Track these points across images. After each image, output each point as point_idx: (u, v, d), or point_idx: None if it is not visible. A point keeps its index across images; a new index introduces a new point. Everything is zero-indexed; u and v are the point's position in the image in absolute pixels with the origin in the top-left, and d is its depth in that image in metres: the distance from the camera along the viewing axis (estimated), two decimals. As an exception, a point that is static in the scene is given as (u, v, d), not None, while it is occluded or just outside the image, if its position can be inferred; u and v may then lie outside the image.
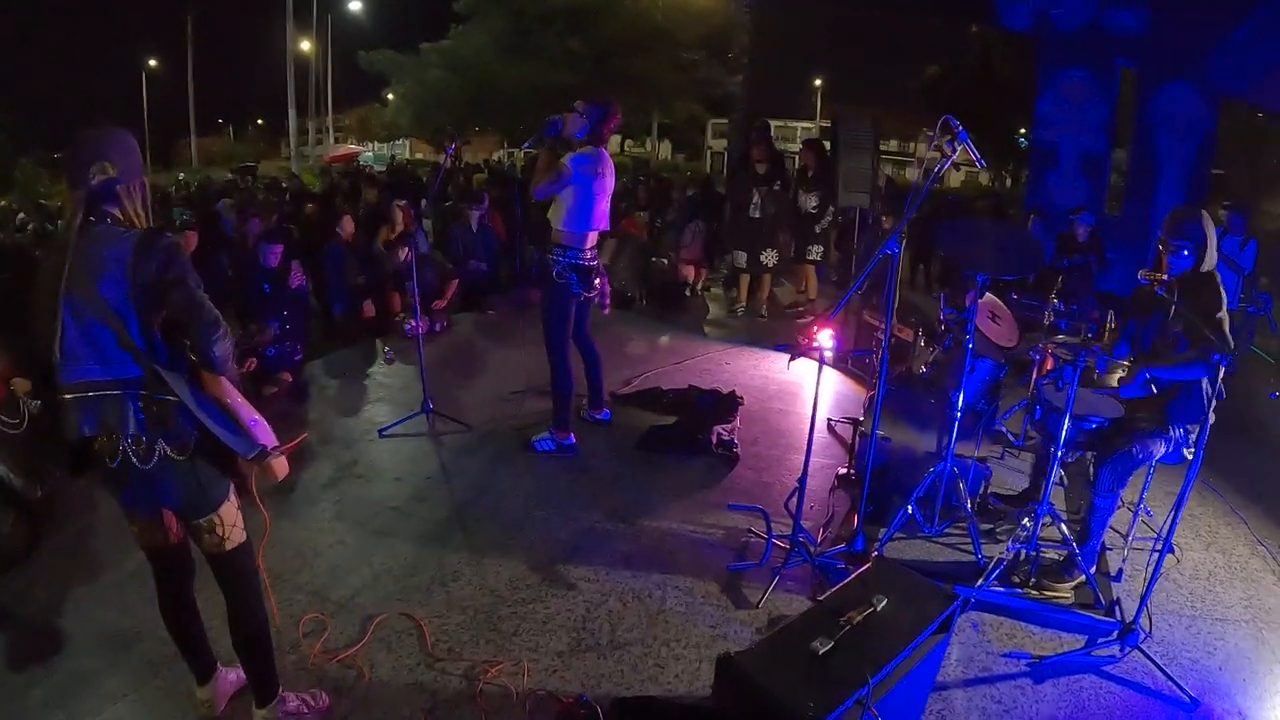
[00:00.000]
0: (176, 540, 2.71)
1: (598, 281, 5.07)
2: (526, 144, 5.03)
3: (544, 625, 3.47)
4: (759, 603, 3.62)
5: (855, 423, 5.06)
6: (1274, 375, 6.91)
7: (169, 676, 3.06)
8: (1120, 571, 3.96)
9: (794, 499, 4.04)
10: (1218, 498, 5.05)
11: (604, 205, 4.97)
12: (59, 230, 2.39)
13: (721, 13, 15.31)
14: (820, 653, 2.26)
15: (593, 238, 4.96)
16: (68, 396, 2.37)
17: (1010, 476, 4.99)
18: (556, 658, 3.27)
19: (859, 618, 2.39)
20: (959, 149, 3.51)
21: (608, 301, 5.39)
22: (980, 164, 3.74)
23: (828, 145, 8.89)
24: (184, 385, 2.40)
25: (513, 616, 3.52)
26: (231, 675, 2.98)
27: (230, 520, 2.62)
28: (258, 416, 2.52)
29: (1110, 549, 4.15)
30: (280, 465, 2.55)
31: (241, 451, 2.46)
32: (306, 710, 2.90)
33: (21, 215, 16.54)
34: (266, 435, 2.52)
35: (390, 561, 3.95)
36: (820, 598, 2.56)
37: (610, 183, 4.98)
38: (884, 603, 2.45)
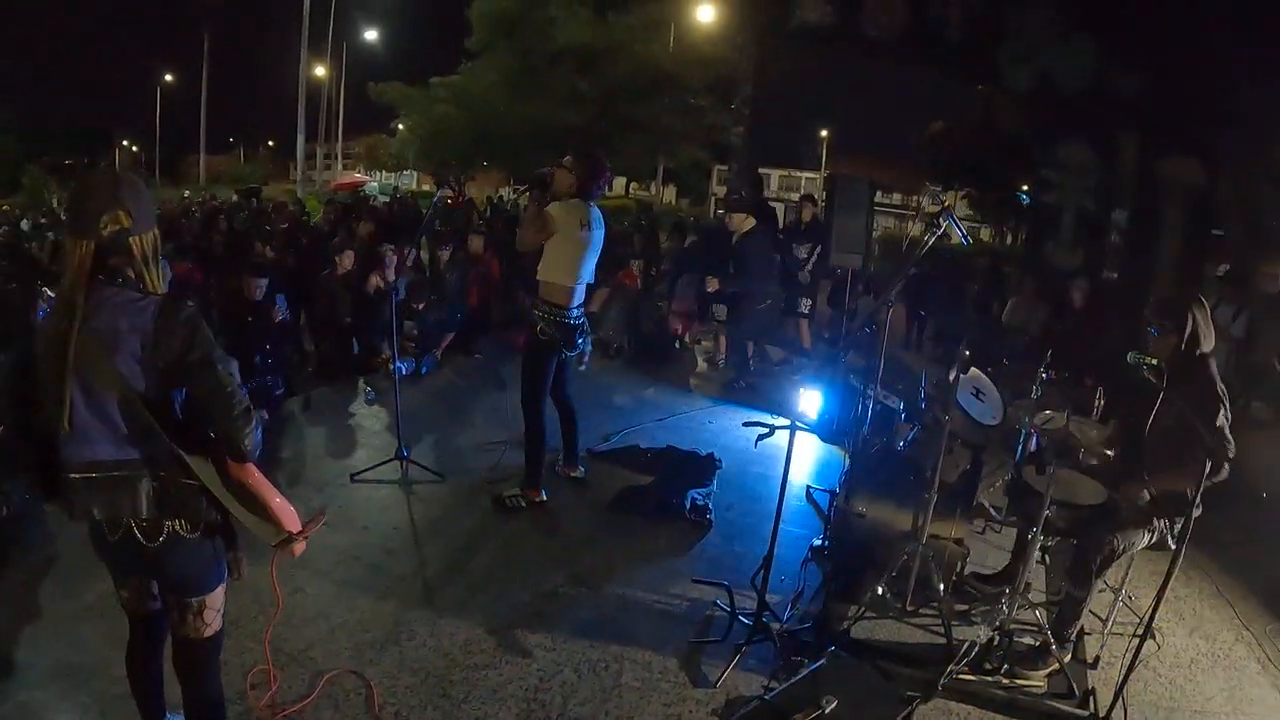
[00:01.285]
0: (162, 609, 2.60)
1: (580, 340, 5.02)
2: (521, 186, 5.03)
3: (494, 694, 3.37)
4: (717, 681, 3.51)
5: (833, 494, 5.00)
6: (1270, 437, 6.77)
7: (116, 716, 2.97)
8: (1097, 659, 3.87)
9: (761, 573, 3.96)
10: (1203, 578, 4.97)
11: (590, 260, 4.94)
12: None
13: (728, 60, 15.46)
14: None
15: (579, 293, 4.93)
16: (74, 476, 2.24)
17: (990, 553, 4.91)
18: (504, 730, 3.18)
19: (805, 720, 2.32)
20: (944, 225, 3.51)
21: (586, 360, 5.34)
22: (965, 241, 3.73)
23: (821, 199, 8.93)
24: (208, 469, 2.28)
25: (464, 682, 3.43)
26: (178, 720, 2.89)
27: (216, 605, 2.52)
28: (280, 498, 2.44)
29: (1089, 634, 4.05)
30: (300, 547, 2.46)
31: (265, 538, 2.38)
32: None
33: (26, 221, 16.46)
34: (292, 520, 2.44)
35: (347, 615, 3.86)
36: (766, 696, 2.47)
37: (599, 237, 4.96)
38: (833, 705, 2.38)
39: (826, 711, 2.35)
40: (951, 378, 4.00)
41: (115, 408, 2.20)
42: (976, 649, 3.62)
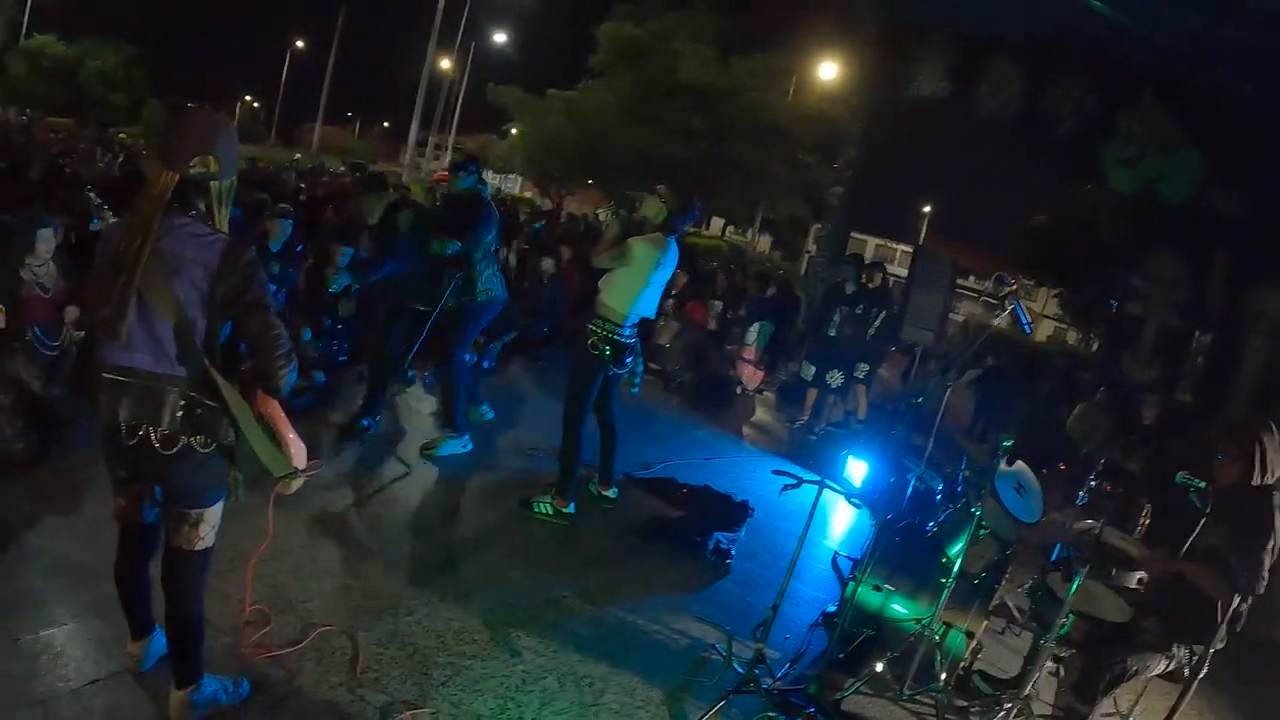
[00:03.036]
0: (154, 522, 2.73)
1: (630, 360, 5.06)
2: (609, 211, 5.19)
3: (475, 684, 3.39)
4: (696, 722, 3.48)
5: (855, 563, 4.91)
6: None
7: (110, 621, 3.08)
8: (1090, 785, 3.72)
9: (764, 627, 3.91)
10: (1218, 716, 4.75)
11: (654, 295, 5.01)
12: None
13: (840, 119, 15.50)
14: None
15: (636, 318, 4.97)
16: (106, 377, 2.39)
17: (1004, 655, 4.77)
18: (474, 720, 3.20)
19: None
20: (1009, 309, 3.48)
21: (638, 381, 5.37)
22: (1026, 329, 3.68)
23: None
24: (236, 396, 2.42)
25: (448, 666, 3.45)
26: (164, 640, 2.94)
27: (212, 521, 2.64)
28: (294, 434, 2.57)
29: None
30: (296, 484, 2.60)
31: (274, 469, 2.51)
32: (224, 697, 2.87)
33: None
34: (300, 457, 2.57)
35: (352, 579, 3.94)
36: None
37: (669, 274, 5.03)
38: (796, 762, 2.33)
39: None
40: (993, 464, 3.90)
41: (166, 326, 2.34)
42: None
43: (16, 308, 4.53)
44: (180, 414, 2.40)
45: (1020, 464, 4.88)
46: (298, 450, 2.57)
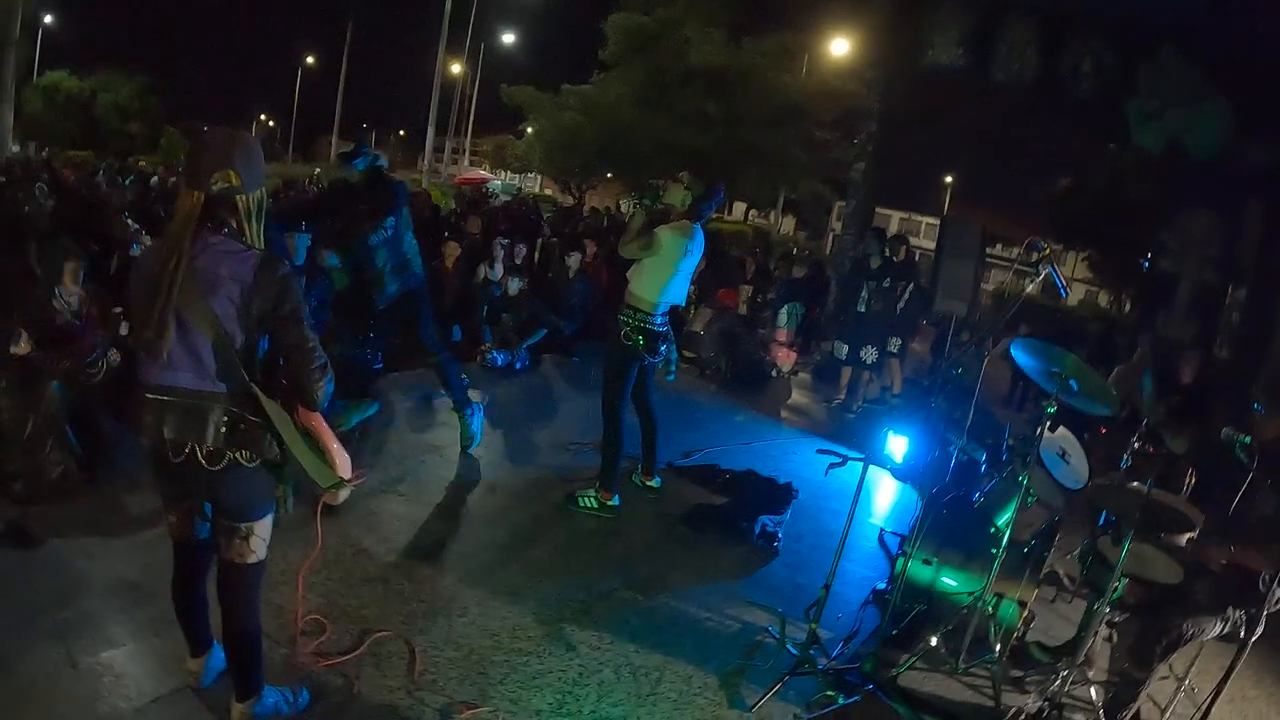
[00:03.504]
0: (207, 537, 2.76)
1: (664, 347, 5.06)
2: (633, 200, 5.19)
3: (532, 680, 3.42)
4: (752, 707, 3.47)
5: (903, 539, 4.89)
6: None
7: (167, 638, 3.13)
8: (1150, 749, 3.69)
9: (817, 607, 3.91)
10: (1276, 682, 4.65)
11: (683, 283, 5.01)
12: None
13: (856, 94, 15.36)
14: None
15: (666, 305, 4.98)
16: (150, 397, 2.43)
17: (1057, 624, 4.73)
18: (535, 716, 3.22)
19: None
20: (1043, 273, 3.44)
21: (673, 368, 5.38)
22: (1063, 293, 3.64)
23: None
24: (279, 410, 2.45)
25: (505, 664, 3.49)
26: (223, 655, 2.99)
27: (263, 534, 2.67)
28: (338, 445, 2.61)
29: (1146, 721, 3.86)
30: (343, 494, 2.63)
31: (320, 480, 2.54)
32: (285, 708, 2.91)
33: (156, 178, 17.45)
34: (345, 467, 2.61)
35: (404, 583, 3.98)
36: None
37: (696, 260, 5.03)
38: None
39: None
40: (1036, 432, 3.86)
41: (205, 343, 2.37)
42: (1023, 717, 3.48)
43: (49, 335, 4.59)
44: (224, 430, 2.43)
45: (1063, 430, 4.84)
46: (342, 460, 2.60)
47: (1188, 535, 3.64)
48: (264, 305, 2.39)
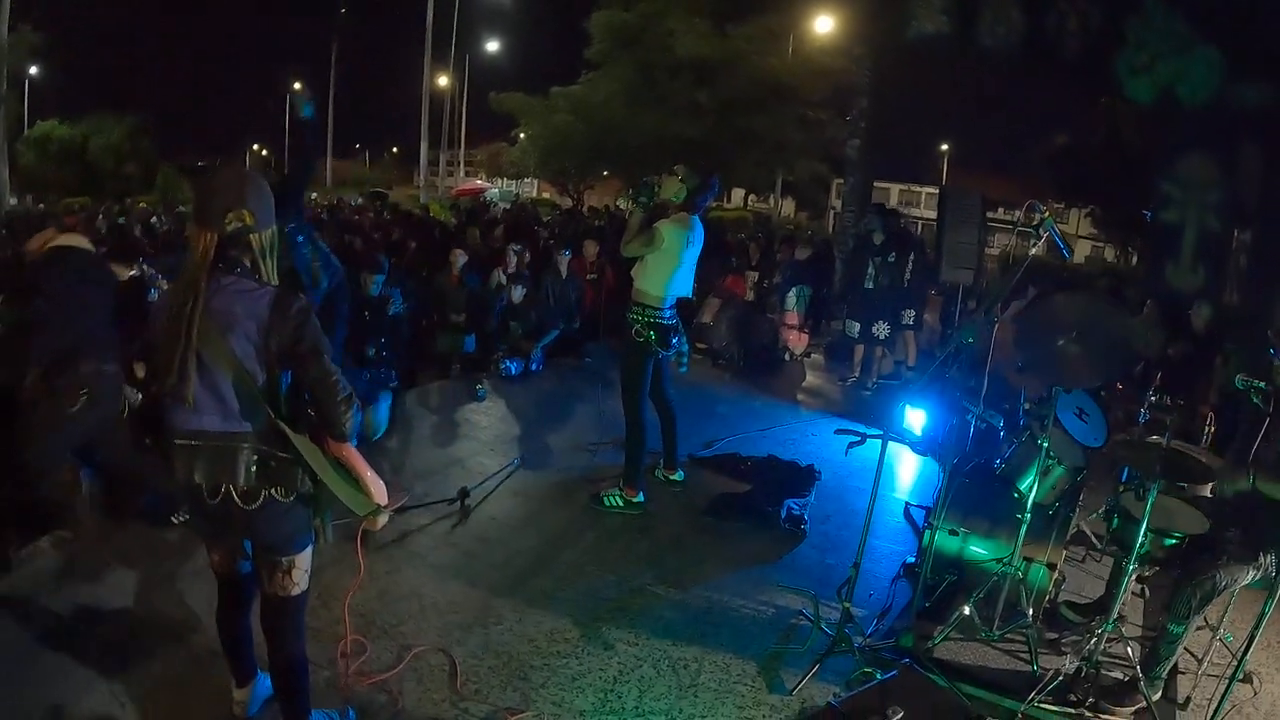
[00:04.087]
0: (250, 571, 2.81)
1: (675, 340, 5.10)
2: (629, 198, 5.18)
3: (573, 681, 3.46)
4: (793, 690, 3.50)
5: (929, 511, 4.91)
6: None
7: (211, 671, 3.19)
8: (1189, 699, 3.68)
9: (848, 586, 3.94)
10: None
11: (688, 274, 5.05)
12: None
13: (846, 71, 15.32)
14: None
15: (673, 299, 5.02)
16: (179, 443, 2.46)
17: (1088, 583, 4.74)
18: (579, 716, 3.27)
19: (870, 727, 2.31)
20: (1044, 235, 3.46)
21: (685, 360, 5.41)
22: (1065, 253, 3.65)
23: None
24: (308, 444, 2.48)
25: (545, 668, 3.53)
26: (270, 682, 3.03)
27: (304, 566, 2.70)
28: (372, 472, 2.62)
29: (1183, 673, 3.86)
30: (383, 520, 2.67)
31: (357, 510, 2.58)
32: None
33: (155, 219, 17.50)
34: (381, 494, 2.63)
35: (438, 596, 4.03)
36: (834, 702, 2.47)
37: (698, 251, 5.07)
38: (899, 716, 2.36)
39: (892, 720, 2.34)
40: (1053, 393, 3.88)
41: (227, 384, 2.40)
42: (1061, 679, 3.50)
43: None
44: (255, 469, 2.46)
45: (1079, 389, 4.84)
46: (378, 488, 2.62)
47: (1211, 485, 3.65)
48: (281, 341, 2.41)
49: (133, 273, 4.31)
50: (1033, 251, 3.53)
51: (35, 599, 3.71)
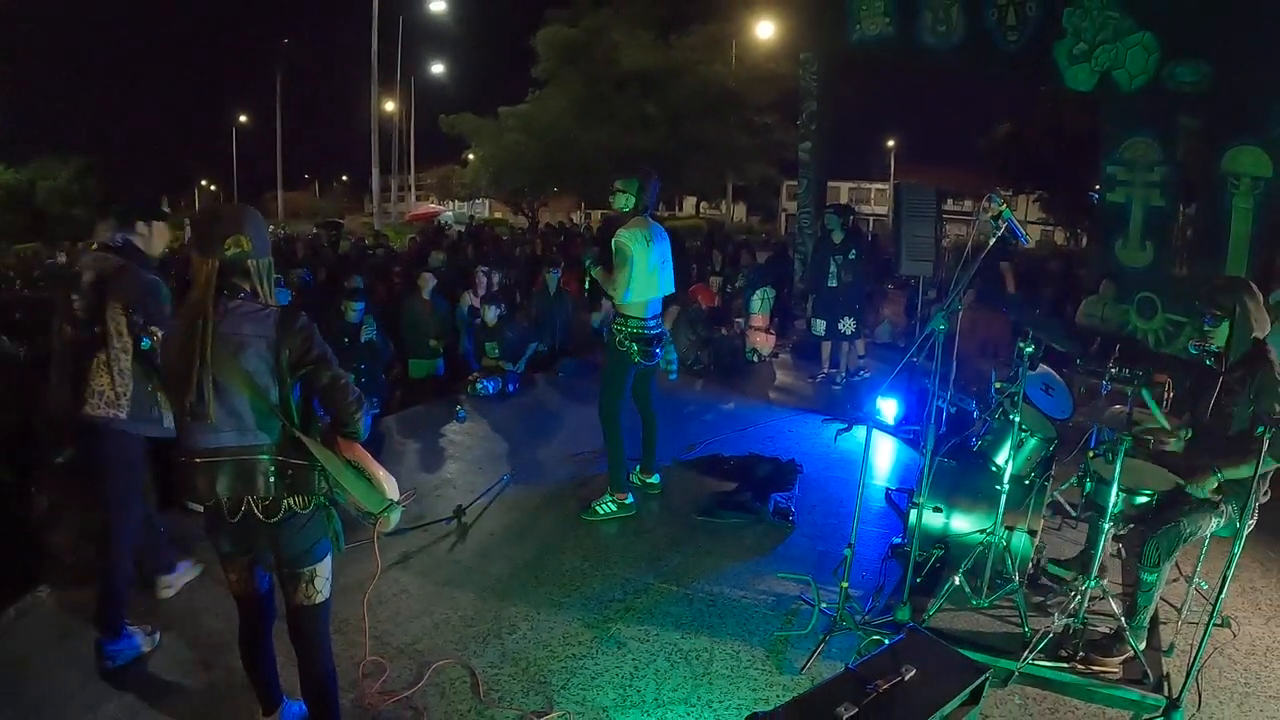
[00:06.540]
0: (268, 589, 2.93)
1: (659, 350, 5.25)
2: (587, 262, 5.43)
3: (592, 681, 3.60)
4: (802, 668, 3.69)
5: (911, 493, 5.11)
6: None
7: (233, 701, 3.32)
8: (1172, 646, 3.92)
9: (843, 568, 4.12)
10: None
11: (663, 272, 5.17)
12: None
13: (791, 76, 15.65)
14: (845, 718, 2.35)
15: (656, 304, 5.17)
16: (200, 461, 2.58)
17: (1067, 549, 4.96)
18: (602, 712, 3.40)
19: (886, 686, 2.48)
20: (1003, 227, 3.66)
21: (674, 368, 5.56)
22: (1023, 241, 3.86)
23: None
24: (320, 448, 2.61)
25: (563, 671, 3.67)
26: (295, 708, 3.14)
27: (325, 573, 2.82)
28: (384, 470, 2.77)
29: (1165, 622, 4.10)
30: (394, 518, 2.79)
31: (373, 508, 2.71)
32: None
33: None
34: (394, 489, 2.77)
35: (450, 612, 4.14)
36: (851, 665, 2.64)
37: (665, 248, 5.19)
38: (912, 673, 2.53)
39: (906, 678, 2.51)
40: (1020, 371, 4.10)
41: (243, 401, 2.55)
42: (1051, 636, 3.71)
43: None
44: (273, 479, 2.60)
45: (1043, 366, 5.09)
46: (390, 484, 2.76)
47: (1172, 440, 3.92)
48: (292, 354, 2.57)
49: None
50: (991, 244, 3.71)
51: (51, 640, 3.77)
